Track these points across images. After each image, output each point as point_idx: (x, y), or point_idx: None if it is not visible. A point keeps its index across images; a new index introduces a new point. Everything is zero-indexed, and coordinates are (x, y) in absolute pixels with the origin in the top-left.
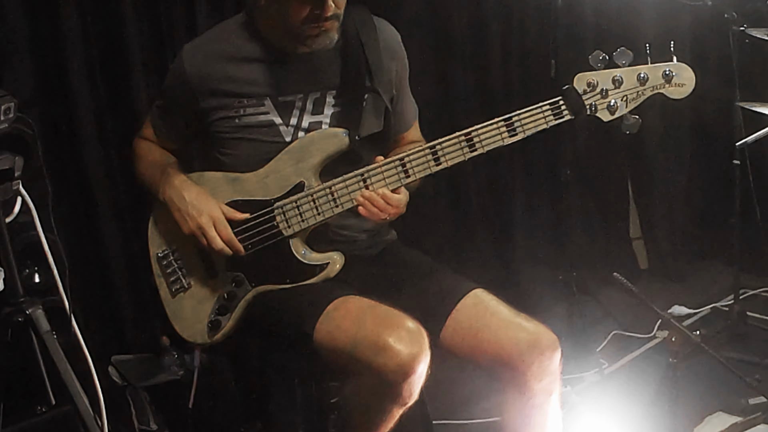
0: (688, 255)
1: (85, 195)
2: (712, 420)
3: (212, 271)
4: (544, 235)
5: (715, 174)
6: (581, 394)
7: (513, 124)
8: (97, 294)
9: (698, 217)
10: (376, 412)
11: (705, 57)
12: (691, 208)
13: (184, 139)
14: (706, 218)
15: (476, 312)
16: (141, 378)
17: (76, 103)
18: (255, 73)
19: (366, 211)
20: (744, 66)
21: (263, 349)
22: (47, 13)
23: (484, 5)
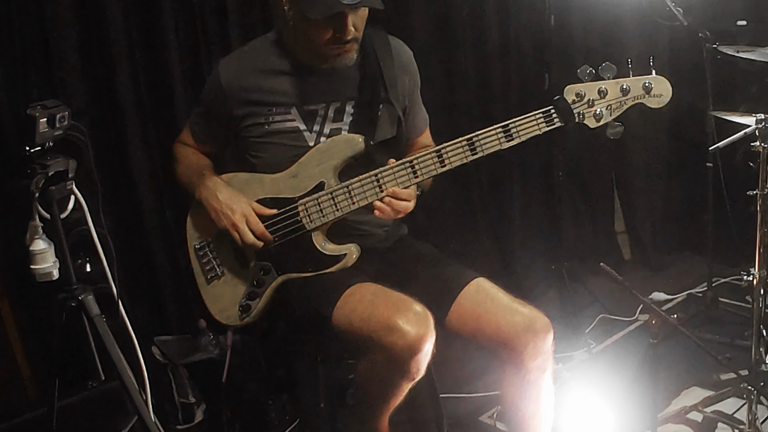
0: (667, 247)
1: (131, 193)
2: (688, 393)
3: (243, 261)
4: (539, 230)
5: (691, 175)
6: (572, 371)
7: (510, 130)
8: (141, 281)
9: (675, 214)
10: (388, 386)
11: (681, 71)
12: (669, 205)
13: (218, 144)
14: (682, 214)
15: (478, 298)
16: (180, 356)
17: (122, 112)
18: (283, 84)
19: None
20: (716, 79)
21: (288, 330)
22: (98, 32)
23: (486, 27)
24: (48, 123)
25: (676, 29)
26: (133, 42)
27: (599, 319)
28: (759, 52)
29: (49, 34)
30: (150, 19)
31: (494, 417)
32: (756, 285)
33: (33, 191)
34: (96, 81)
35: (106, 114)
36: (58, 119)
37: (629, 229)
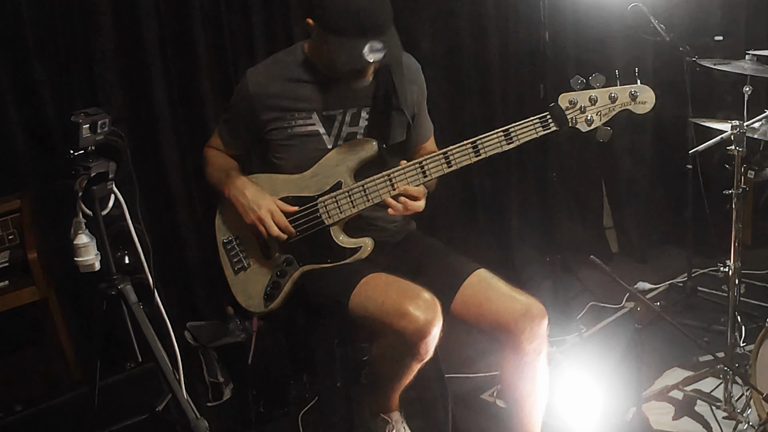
0: (651, 241)
1: (165, 192)
2: (669, 374)
3: (267, 253)
4: (534, 225)
5: (672, 176)
6: (564, 353)
7: (510, 134)
8: (174, 272)
9: (658, 211)
10: (399, 367)
11: (664, 82)
12: (652, 203)
13: (245, 147)
14: (664, 211)
15: (479, 287)
16: (210, 340)
17: (157, 119)
18: (305, 92)
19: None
20: (695, 89)
21: (308, 316)
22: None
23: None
24: (90, 129)
25: (659, 44)
26: (167, 55)
27: (589, 307)
28: (734, 64)
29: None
30: (182, 34)
31: (494, 395)
32: (731, 275)
33: (77, 191)
34: (133, 91)
35: (143, 120)
36: (99, 125)
37: (616, 224)
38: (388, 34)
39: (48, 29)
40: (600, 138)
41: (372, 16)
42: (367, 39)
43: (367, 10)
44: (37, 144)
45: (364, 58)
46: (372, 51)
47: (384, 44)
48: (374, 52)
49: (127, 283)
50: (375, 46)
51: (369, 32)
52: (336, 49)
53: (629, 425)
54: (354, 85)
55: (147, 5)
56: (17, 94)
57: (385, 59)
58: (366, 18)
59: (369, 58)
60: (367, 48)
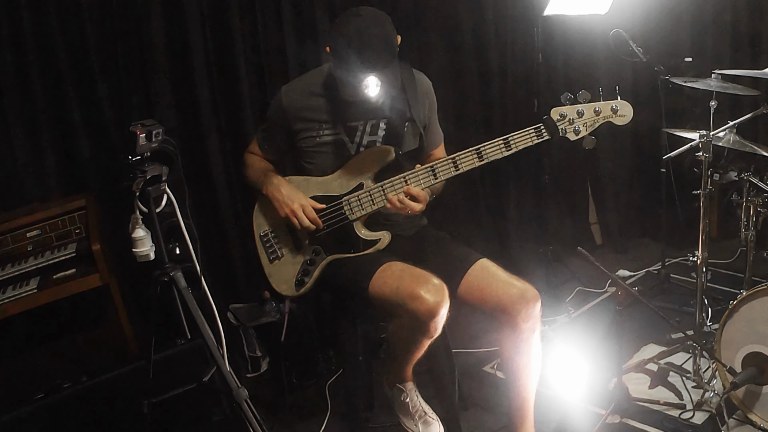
0: (630, 234)
1: (211, 192)
2: (646, 349)
3: (299, 245)
4: (529, 221)
5: (648, 178)
6: (555, 332)
7: (509, 142)
8: (218, 261)
9: (636, 208)
10: (412, 343)
11: (641, 97)
12: (631, 202)
13: (280, 152)
14: (642, 209)
15: (482, 275)
16: (249, 320)
17: (204, 128)
18: (330, 106)
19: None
20: (668, 103)
21: (334, 299)
22: (184, 67)
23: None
24: (146, 137)
25: (637, 64)
26: (212, 74)
27: (577, 291)
28: (701, 82)
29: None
30: (225, 55)
31: (495, 368)
32: (699, 264)
33: (134, 191)
34: (183, 105)
35: (192, 130)
36: (154, 134)
37: (600, 220)
38: (388, 70)
39: (110, 52)
40: (586, 146)
41: (374, 55)
42: (367, 75)
43: (370, 48)
44: (101, 150)
45: (363, 92)
46: (369, 86)
47: (381, 80)
48: (372, 87)
49: (177, 271)
50: (372, 81)
51: (369, 70)
52: (341, 79)
53: (611, 393)
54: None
55: (195, 33)
56: (84, 107)
57: (380, 94)
58: (368, 56)
59: (367, 92)
60: (366, 83)
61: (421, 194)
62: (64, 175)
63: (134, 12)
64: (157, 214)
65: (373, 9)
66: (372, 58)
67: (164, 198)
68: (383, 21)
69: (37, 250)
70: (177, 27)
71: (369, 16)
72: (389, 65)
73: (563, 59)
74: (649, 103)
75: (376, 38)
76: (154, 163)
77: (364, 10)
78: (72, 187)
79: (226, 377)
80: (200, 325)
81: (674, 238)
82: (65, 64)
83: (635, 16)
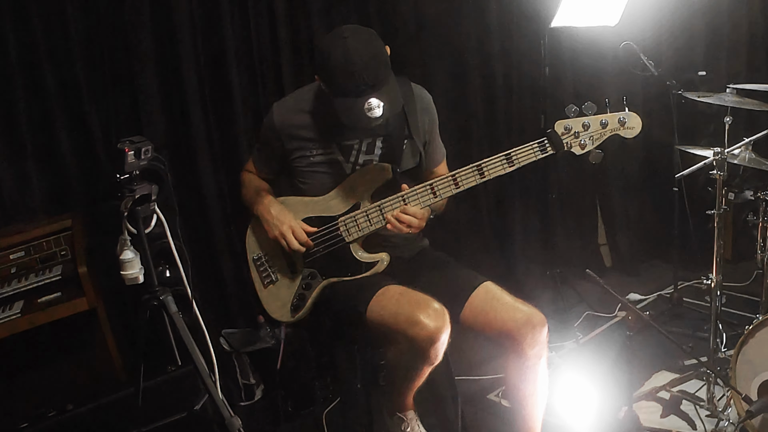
0: (641, 256)
1: (202, 212)
2: (657, 376)
3: (294, 268)
4: (536, 242)
5: (660, 197)
6: (563, 358)
7: (511, 157)
8: (211, 285)
9: (648, 229)
10: (412, 370)
11: (653, 112)
12: (642, 222)
13: (274, 172)
14: (653, 229)
15: (486, 298)
16: (243, 346)
17: (195, 146)
18: (324, 124)
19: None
20: (680, 119)
21: (331, 324)
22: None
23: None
24: (135, 155)
25: (648, 78)
26: (204, 89)
27: (585, 316)
28: (716, 97)
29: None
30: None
31: (499, 395)
32: (713, 287)
33: (122, 211)
34: (173, 120)
35: (182, 147)
36: (143, 152)
37: (610, 241)
38: (387, 87)
39: (97, 66)
40: (593, 160)
41: (368, 75)
42: (366, 98)
43: (362, 70)
44: (87, 168)
45: (366, 116)
46: (371, 108)
47: (383, 100)
48: (374, 109)
49: (168, 295)
50: (374, 103)
51: (366, 91)
52: (339, 109)
53: (621, 422)
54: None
55: (186, 45)
56: (69, 122)
57: (385, 113)
58: (362, 78)
59: (370, 114)
60: (367, 106)
61: (419, 212)
62: (49, 194)
63: (122, 24)
64: (147, 235)
65: (356, 26)
66: (365, 81)
67: (154, 218)
68: (370, 37)
69: (20, 272)
70: (167, 40)
71: (353, 37)
72: (386, 82)
73: (571, 73)
74: (661, 119)
75: (365, 59)
76: (143, 181)
77: (348, 30)
78: (57, 207)
79: (219, 406)
80: (191, 351)
81: (687, 261)
82: (50, 78)
83: (646, 28)
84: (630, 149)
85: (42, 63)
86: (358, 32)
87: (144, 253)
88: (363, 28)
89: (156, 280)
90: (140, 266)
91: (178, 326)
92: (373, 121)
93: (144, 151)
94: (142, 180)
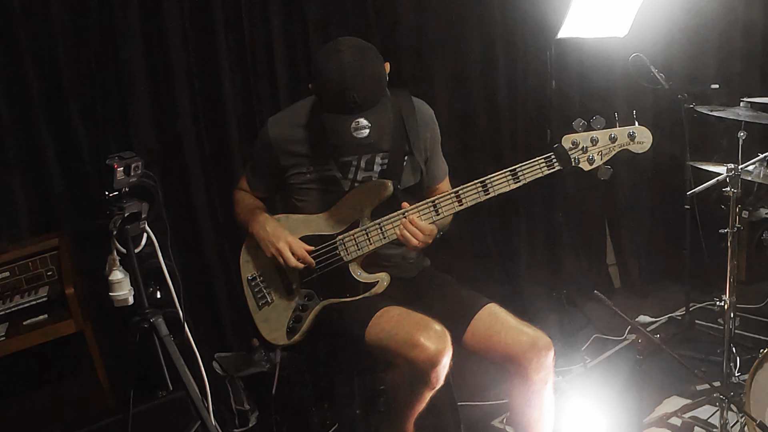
0: (651, 277)
1: (195, 231)
2: (669, 402)
3: (290, 289)
4: (542, 262)
5: (672, 216)
6: (570, 383)
7: (516, 173)
8: (203, 306)
9: (658, 248)
10: (413, 395)
11: (663, 127)
12: (653, 241)
13: (269, 190)
14: (664, 249)
15: (489, 321)
16: (237, 370)
17: (187, 162)
18: (322, 139)
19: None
20: (692, 134)
21: (328, 347)
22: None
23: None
24: (124, 171)
25: (659, 91)
26: (196, 101)
27: (593, 339)
28: (729, 111)
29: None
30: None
31: (504, 422)
32: (726, 309)
33: (111, 230)
34: (165, 135)
35: (174, 164)
36: (132, 168)
37: (619, 261)
38: (378, 106)
39: (84, 76)
40: (601, 176)
41: (360, 95)
42: (354, 117)
43: (353, 88)
44: (75, 185)
45: (352, 135)
46: (358, 128)
47: (370, 120)
48: (361, 129)
49: (158, 317)
50: (362, 123)
51: (355, 110)
52: (327, 125)
53: None
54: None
55: (178, 56)
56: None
57: (371, 135)
58: (351, 97)
59: (356, 134)
60: (354, 125)
61: (427, 227)
62: (34, 211)
63: (111, 34)
64: (137, 254)
65: (356, 40)
66: (354, 100)
67: (144, 237)
68: (367, 54)
69: (5, 293)
70: (158, 50)
71: (350, 51)
72: (377, 102)
73: (578, 86)
74: (672, 134)
75: (358, 78)
76: (133, 199)
77: (345, 44)
78: (43, 225)
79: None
80: (183, 376)
81: (699, 281)
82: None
83: (657, 40)
84: (640, 165)
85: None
86: (355, 48)
87: (134, 273)
88: (362, 43)
89: (146, 302)
90: (130, 287)
91: (170, 350)
92: (359, 141)
93: (134, 167)
94: (131, 197)
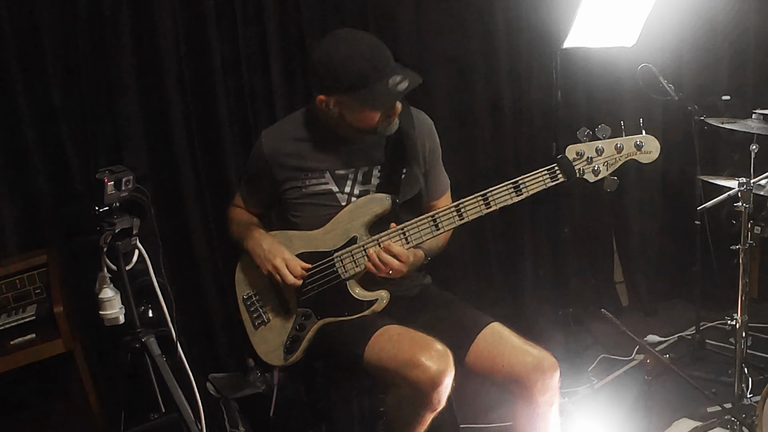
0: (660, 295)
1: (188, 248)
2: (678, 424)
3: (286, 308)
4: (547, 279)
5: (681, 231)
6: (576, 405)
7: (519, 186)
8: (197, 325)
9: (667, 265)
10: (413, 417)
11: (673, 140)
12: (662, 258)
13: (264, 205)
14: (673, 266)
15: (493, 341)
16: (232, 391)
17: (180, 177)
18: (316, 152)
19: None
20: (703, 147)
21: (326, 368)
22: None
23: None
24: (115, 186)
25: (668, 103)
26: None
27: (600, 359)
28: (741, 123)
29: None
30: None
31: None
32: (738, 329)
33: (102, 246)
34: (157, 149)
35: (166, 178)
36: (123, 183)
37: (627, 279)
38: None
39: (74, 89)
40: (607, 188)
41: (379, 54)
42: (387, 77)
43: (372, 52)
44: (64, 200)
45: (396, 91)
46: (396, 83)
47: (401, 72)
48: (400, 83)
49: (150, 336)
50: (396, 78)
51: (385, 68)
52: (367, 102)
53: None
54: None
55: (171, 68)
56: (44, 150)
57: (411, 83)
58: (376, 59)
59: (399, 88)
60: (392, 81)
61: (404, 253)
62: (22, 227)
63: (101, 43)
64: (128, 272)
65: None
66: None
67: (135, 254)
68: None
69: None
70: (149, 60)
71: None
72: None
73: (585, 97)
74: (682, 147)
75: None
76: (124, 214)
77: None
78: (31, 241)
79: None
80: (176, 397)
81: (710, 300)
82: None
83: (666, 49)
84: (649, 179)
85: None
86: (353, 31)
87: (125, 291)
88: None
89: (138, 321)
90: (121, 305)
91: (162, 370)
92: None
93: (125, 181)
94: (122, 213)
